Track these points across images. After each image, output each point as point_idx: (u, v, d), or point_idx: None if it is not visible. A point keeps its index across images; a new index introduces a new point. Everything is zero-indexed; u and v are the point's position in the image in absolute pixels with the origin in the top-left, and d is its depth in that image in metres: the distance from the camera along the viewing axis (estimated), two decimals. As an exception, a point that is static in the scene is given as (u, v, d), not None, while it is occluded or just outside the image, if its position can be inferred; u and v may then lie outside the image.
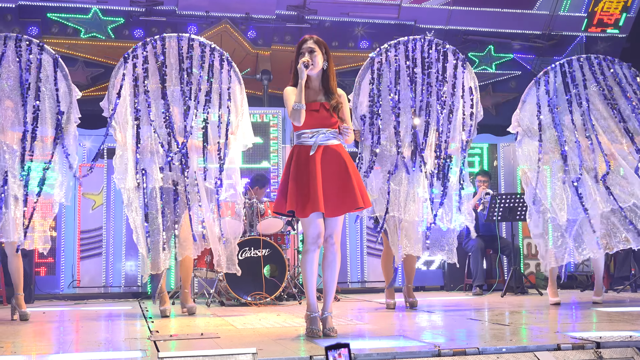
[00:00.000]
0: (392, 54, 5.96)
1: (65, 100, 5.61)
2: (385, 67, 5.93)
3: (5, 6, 9.18)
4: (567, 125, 6.02)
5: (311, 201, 4.02)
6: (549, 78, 6.15)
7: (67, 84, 5.65)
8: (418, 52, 5.96)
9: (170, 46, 5.69)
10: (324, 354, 3.11)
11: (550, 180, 6.03)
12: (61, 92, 5.59)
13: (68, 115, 5.61)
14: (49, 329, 5.08)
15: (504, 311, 5.73)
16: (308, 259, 4.12)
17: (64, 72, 5.65)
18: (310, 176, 4.06)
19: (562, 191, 5.95)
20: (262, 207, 7.02)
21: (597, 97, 6.08)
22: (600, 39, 10.72)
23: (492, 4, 10.26)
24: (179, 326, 4.97)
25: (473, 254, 8.09)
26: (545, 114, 6.08)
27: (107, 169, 8.25)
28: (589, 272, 8.69)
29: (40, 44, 5.67)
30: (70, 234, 8.17)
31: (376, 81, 5.87)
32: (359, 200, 4.10)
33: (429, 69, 5.94)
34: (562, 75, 6.14)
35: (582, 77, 6.12)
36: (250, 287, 6.64)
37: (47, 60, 5.62)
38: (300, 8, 9.79)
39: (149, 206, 5.52)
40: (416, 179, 5.83)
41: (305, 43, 4.21)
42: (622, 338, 3.62)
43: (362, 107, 5.85)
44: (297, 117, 4.09)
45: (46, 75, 5.58)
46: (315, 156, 4.09)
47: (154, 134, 5.55)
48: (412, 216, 5.80)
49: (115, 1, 9.39)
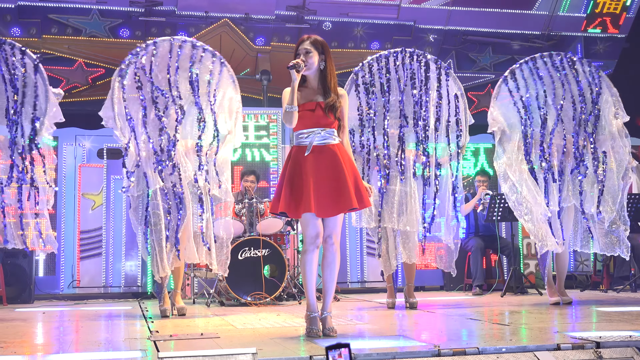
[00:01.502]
0: (375, 68, 6.04)
1: (42, 107, 5.56)
2: (371, 78, 6.02)
3: (5, 6, 9.18)
4: (536, 121, 6.07)
5: (303, 202, 4.03)
6: (516, 75, 6.17)
7: (45, 90, 5.59)
8: (400, 64, 6.06)
9: (164, 49, 5.67)
10: (325, 354, 3.11)
11: (526, 177, 6.05)
12: (39, 99, 5.55)
13: (42, 121, 5.57)
14: (49, 329, 5.08)
15: (503, 311, 5.73)
16: (307, 259, 4.12)
17: (43, 77, 5.60)
18: (303, 177, 4.07)
19: (536, 187, 5.97)
20: (262, 207, 7.02)
21: (560, 94, 6.13)
22: (599, 39, 10.73)
23: (492, 5, 10.27)
24: (178, 326, 4.97)
25: (473, 254, 8.09)
26: (520, 109, 6.11)
27: (107, 169, 8.26)
28: (588, 272, 8.71)
29: (22, 48, 5.59)
30: (70, 234, 8.17)
31: (362, 95, 5.98)
32: (353, 200, 4.06)
33: (413, 79, 6.01)
34: (529, 71, 6.18)
35: (548, 74, 6.17)
36: (250, 287, 6.64)
37: (29, 65, 5.57)
38: (300, 8, 9.80)
39: (152, 208, 5.52)
40: (407, 189, 5.91)
41: (302, 44, 4.20)
42: (621, 338, 3.62)
43: (349, 122, 5.95)
44: (289, 120, 4.08)
45: (28, 80, 5.54)
46: (309, 157, 4.09)
47: (149, 138, 5.54)
48: (406, 226, 5.91)
49: (114, 1, 9.39)
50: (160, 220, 5.51)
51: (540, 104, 6.09)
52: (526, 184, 5.97)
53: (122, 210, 8.22)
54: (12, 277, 7.45)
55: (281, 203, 4.10)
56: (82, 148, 8.26)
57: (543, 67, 6.19)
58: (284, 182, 4.14)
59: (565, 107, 6.10)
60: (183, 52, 5.68)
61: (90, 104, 9.47)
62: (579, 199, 5.98)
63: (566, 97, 6.12)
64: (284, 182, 4.14)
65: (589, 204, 5.98)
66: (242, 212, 7.01)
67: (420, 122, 5.98)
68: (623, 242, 5.99)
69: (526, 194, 5.96)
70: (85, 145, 8.27)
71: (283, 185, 4.13)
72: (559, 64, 6.19)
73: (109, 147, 8.29)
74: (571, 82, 6.15)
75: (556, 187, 5.97)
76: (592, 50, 10.66)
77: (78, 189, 8.19)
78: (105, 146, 8.30)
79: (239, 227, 6.92)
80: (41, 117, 5.54)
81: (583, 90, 6.14)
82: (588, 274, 8.52)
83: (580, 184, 5.99)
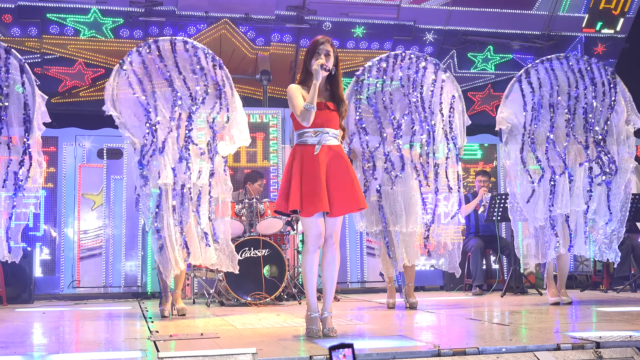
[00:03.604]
0: (375, 72, 6.09)
1: (30, 106, 5.49)
2: (373, 81, 6.08)
3: (4, 6, 9.18)
4: (545, 123, 6.03)
5: (316, 200, 4.03)
6: (531, 75, 6.14)
7: (32, 90, 5.52)
8: (398, 66, 6.09)
9: (164, 49, 5.68)
10: (328, 355, 3.10)
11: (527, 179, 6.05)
12: (29, 98, 5.48)
13: (32, 123, 5.52)
14: (49, 329, 5.08)
15: (503, 311, 5.73)
16: (308, 260, 4.12)
17: (29, 77, 5.53)
18: (314, 176, 4.07)
19: (539, 189, 5.96)
20: (262, 207, 7.02)
21: (574, 97, 6.10)
22: (599, 39, 10.72)
23: (492, 5, 10.26)
24: (179, 326, 4.97)
25: (473, 254, 8.09)
26: (529, 111, 6.09)
27: (107, 169, 8.26)
28: (588, 272, 8.71)
29: (7, 47, 5.53)
30: (70, 234, 8.17)
31: (363, 98, 6.04)
32: (361, 201, 4.15)
33: (411, 81, 6.05)
34: (545, 72, 6.13)
35: (565, 76, 6.12)
36: (250, 287, 6.64)
37: (14, 65, 5.49)
38: (300, 8, 9.80)
39: (160, 207, 5.51)
40: (407, 190, 5.94)
41: (323, 45, 4.21)
42: (621, 338, 3.62)
43: (350, 126, 5.99)
44: (307, 117, 4.09)
45: (13, 80, 5.46)
46: (319, 155, 4.10)
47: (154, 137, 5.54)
48: (408, 228, 5.94)
49: (114, 1, 9.38)
50: (170, 218, 5.51)
51: (553, 105, 6.05)
52: (522, 186, 5.99)
53: (122, 211, 8.22)
54: (12, 277, 7.45)
55: (292, 201, 4.07)
56: (82, 148, 8.26)
57: (559, 68, 6.12)
58: (291, 181, 4.12)
59: (577, 109, 6.06)
60: (182, 51, 5.68)
61: (90, 104, 9.48)
62: (585, 203, 5.96)
63: (579, 99, 6.07)
64: (291, 181, 4.12)
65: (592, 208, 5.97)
66: (242, 212, 7.01)
67: (417, 124, 6.01)
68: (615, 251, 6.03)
69: (519, 200, 5.99)
70: (85, 145, 8.27)
71: (291, 184, 4.11)
72: (575, 65, 6.14)
73: (109, 147, 8.30)
74: (587, 85, 6.10)
75: (565, 190, 5.93)
76: (592, 51, 10.65)
77: (78, 189, 8.19)
78: (105, 146, 8.30)
79: (239, 227, 6.92)
80: (31, 117, 5.49)
81: (597, 93, 6.09)
82: (588, 274, 8.52)
83: (586, 188, 5.97)
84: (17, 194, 5.36)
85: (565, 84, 6.10)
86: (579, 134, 6.05)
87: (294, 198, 4.07)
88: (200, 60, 5.68)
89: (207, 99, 5.68)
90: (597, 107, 6.08)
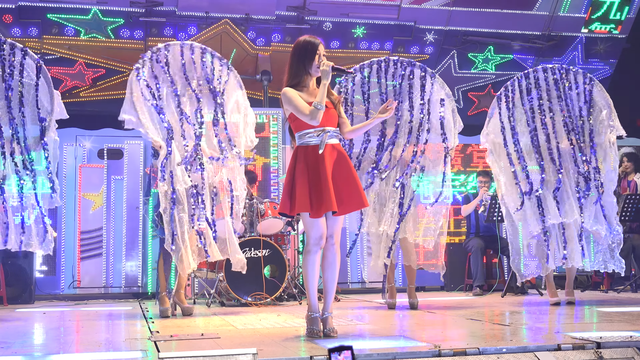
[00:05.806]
0: (359, 77, 6.18)
1: (47, 106, 5.54)
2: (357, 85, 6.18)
3: (5, 7, 9.18)
4: (525, 139, 6.06)
5: (325, 200, 4.02)
6: (508, 93, 6.18)
7: (50, 90, 5.57)
8: (384, 72, 6.17)
9: (174, 53, 5.73)
10: (327, 356, 3.11)
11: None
12: (43, 99, 5.53)
13: (49, 122, 5.55)
14: (50, 329, 5.08)
15: (504, 311, 5.73)
16: (310, 260, 4.12)
17: (47, 77, 5.57)
18: (321, 175, 4.07)
19: (530, 202, 5.99)
20: (262, 207, 7.02)
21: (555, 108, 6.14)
22: (600, 39, 10.72)
23: (492, 5, 10.26)
24: (179, 326, 4.97)
25: (473, 254, 8.09)
26: (508, 130, 6.11)
27: (107, 170, 8.26)
28: (589, 273, 8.70)
29: (23, 48, 5.56)
30: (71, 235, 8.17)
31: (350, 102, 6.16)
32: (364, 200, 4.17)
33: (399, 85, 6.14)
34: (519, 89, 6.16)
35: (546, 87, 6.16)
36: (250, 288, 6.64)
37: (30, 65, 5.53)
38: (300, 9, 9.80)
39: (176, 207, 5.54)
40: (397, 192, 6.00)
41: (319, 48, 4.22)
42: (622, 338, 3.63)
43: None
44: (317, 117, 4.10)
45: (29, 81, 5.50)
46: (324, 155, 4.11)
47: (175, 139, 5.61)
48: (405, 233, 6.03)
49: (115, 2, 9.38)
50: (185, 218, 5.52)
51: (534, 119, 6.09)
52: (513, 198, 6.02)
53: (123, 211, 8.22)
54: (12, 277, 7.46)
55: (298, 203, 4.06)
56: (82, 148, 8.26)
57: (534, 83, 6.15)
58: (296, 183, 4.11)
59: (557, 121, 6.09)
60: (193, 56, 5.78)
61: (91, 104, 9.48)
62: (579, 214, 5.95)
63: (556, 111, 6.10)
64: (296, 183, 4.11)
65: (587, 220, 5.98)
66: (243, 212, 7.00)
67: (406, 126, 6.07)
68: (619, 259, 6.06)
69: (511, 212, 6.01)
70: (86, 145, 8.27)
71: (295, 185, 4.11)
72: (551, 76, 6.16)
73: (109, 147, 8.30)
74: (566, 95, 6.14)
75: (553, 202, 5.94)
76: (592, 51, 10.65)
77: (78, 189, 8.19)
78: (105, 146, 8.30)
79: (239, 228, 6.91)
80: (47, 117, 5.54)
81: (574, 104, 6.13)
82: (589, 275, 8.52)
83: (578, 200, 5.97)
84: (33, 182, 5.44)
85: (546, 96, 6.14)
86: (563, 146, 6.08)
87: (302, 201, 4.05)
88: (214, 64, 5.79)
89: (225, 101, 5.80)
90: (580, 116, 6.10)
